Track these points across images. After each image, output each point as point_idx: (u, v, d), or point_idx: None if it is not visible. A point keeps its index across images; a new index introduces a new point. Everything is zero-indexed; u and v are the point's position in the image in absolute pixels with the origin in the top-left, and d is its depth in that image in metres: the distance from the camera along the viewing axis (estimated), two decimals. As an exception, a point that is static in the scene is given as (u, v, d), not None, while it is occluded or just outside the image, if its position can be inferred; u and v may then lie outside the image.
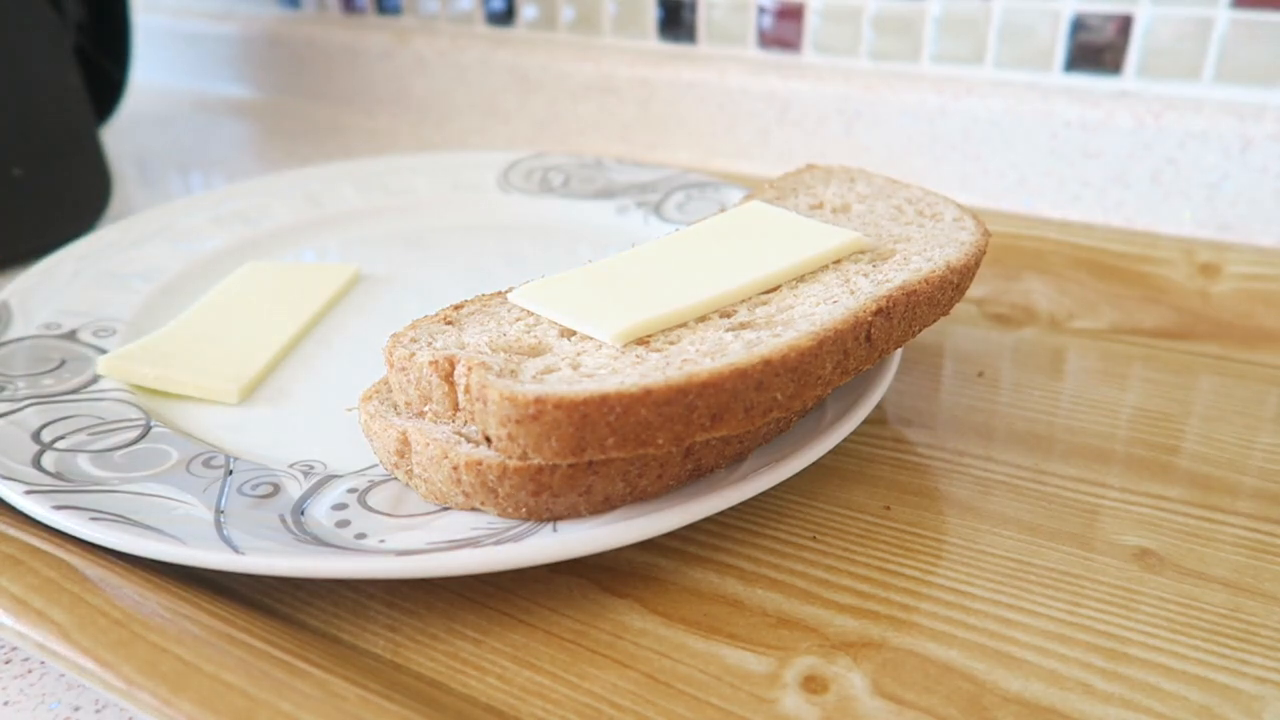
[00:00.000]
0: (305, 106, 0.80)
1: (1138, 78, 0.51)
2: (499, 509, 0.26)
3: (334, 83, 0.79)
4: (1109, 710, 0.23)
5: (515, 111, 0.71)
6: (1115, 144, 0.51)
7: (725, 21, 0.62)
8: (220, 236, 0.47)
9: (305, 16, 0.80)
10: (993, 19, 0.54)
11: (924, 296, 0.29)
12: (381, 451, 0.28)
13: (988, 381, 0.37)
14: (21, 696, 0.25)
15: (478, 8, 0.72)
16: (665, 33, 0.65)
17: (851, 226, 0.34)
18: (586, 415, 0.23)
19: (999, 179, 0.54)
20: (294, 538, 0.26)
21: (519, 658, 0.25)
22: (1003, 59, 0.54)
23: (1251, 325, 0.41)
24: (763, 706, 0.23)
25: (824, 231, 0.32)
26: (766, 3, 0.60)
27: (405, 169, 0.54)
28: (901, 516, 0.30)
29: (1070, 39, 0.52)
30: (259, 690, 0.22)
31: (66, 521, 0.26)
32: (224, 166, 0.67)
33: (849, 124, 0.58)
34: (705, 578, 0.27)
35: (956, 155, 0.55)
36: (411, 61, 0.74)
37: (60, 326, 0.38)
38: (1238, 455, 0.33)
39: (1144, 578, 0.27)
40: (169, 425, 0.32)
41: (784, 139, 0.60)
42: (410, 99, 0.75)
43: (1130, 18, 0.50)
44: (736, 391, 0.24)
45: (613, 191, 0.51)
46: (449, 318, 0.30)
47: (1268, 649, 0.25)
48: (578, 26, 0.68)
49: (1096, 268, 0.46)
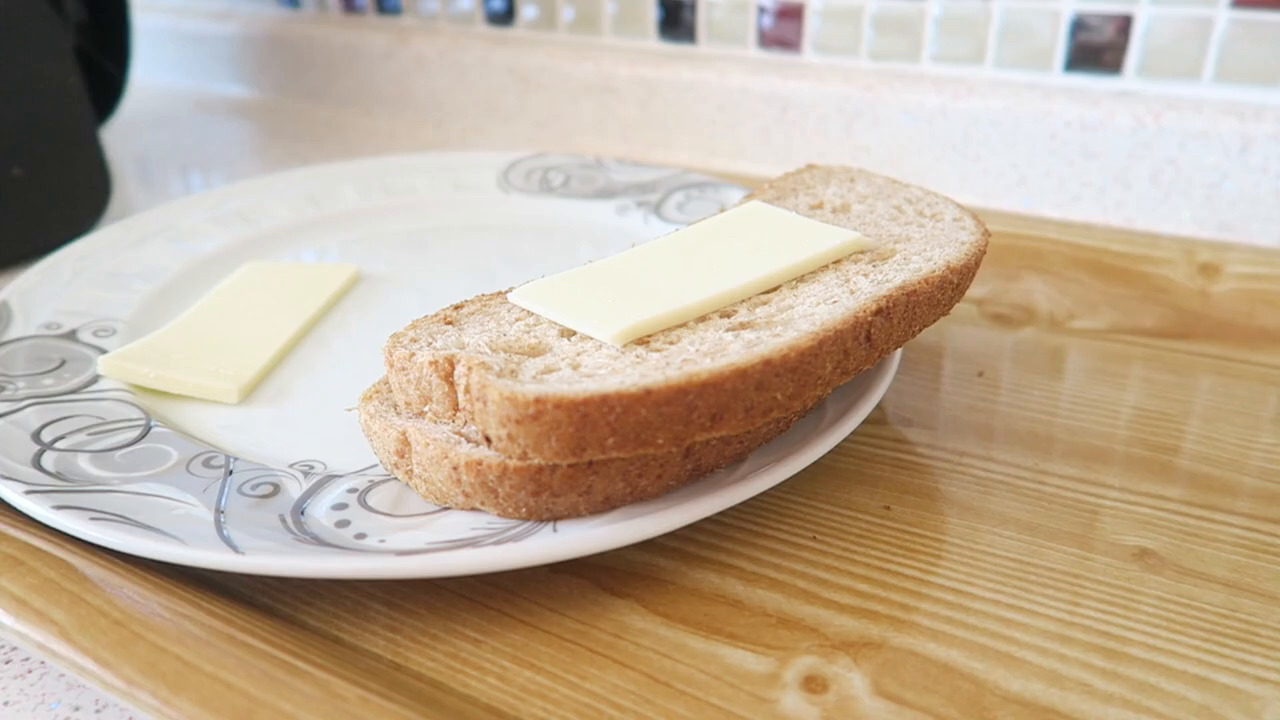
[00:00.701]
0: (305, 106, 0.80)
1: (1138, 78, 0.51)
2: (499, 509, 0.26)
3: (334, 83, 0.79)
4: (1109, 710, 0.23)
5: (515, 111, 0.71)
6: (1115, 144, 0.51)
7: (725, 21, 0.62)
8: (220, 236, 0.47)
9: (305, 16, 0.80)
10: (993, 19, 0.54)
11: (924, 297, 0.29)
12: (381, 451, 0.28)
13: (988, 381, 0.37)
14: (21, 696, 0.25)
15: (478, 8, 0.72)
16: (665, 33, 0.65)
17: (851, 226, 0.34)
18: (586, 415, 0.23)
19: (999, 179, 0.54)
20: (294, 538, 0.26)
21: (519, 658, 0.25)
22: (1003, 59, 0.54)
23: (1251, 325, 0.41)
24: (763, 706, 0.23)
25: (824, 231, 0.32)
26: (766, 3, 0.60)
27: (405, 169, 0.54)
28: (901, 516, 0.30)
29: (1070, 39, 0.52)
30: (259, 690, 0.22)
31: (66, 521, 0.26)
32: (224, 166, 0.67)
33: (849, 124, 0.58)
34: (705, 578, 0.27)
35: (956, 155, 0.55)
36: (411, 61, 0.74)
37: (60, 326, 0.38)
38: (1238, 455, 0.33)
39: (1144, 577, 0.27)
40: (169, 425, 0.32)
41: (784, 139, 0.60)
42: (410, 99, 0.75)
43: (1130, 18, 0.50)
44: (736, 391, 0.24)
45: (613, 191, 0.51)
46: (449, 318, 0.30)
47: (1267, 648, 0.25)
48: (578, 26, 0.68)
49: (1096, 268, 0.46)
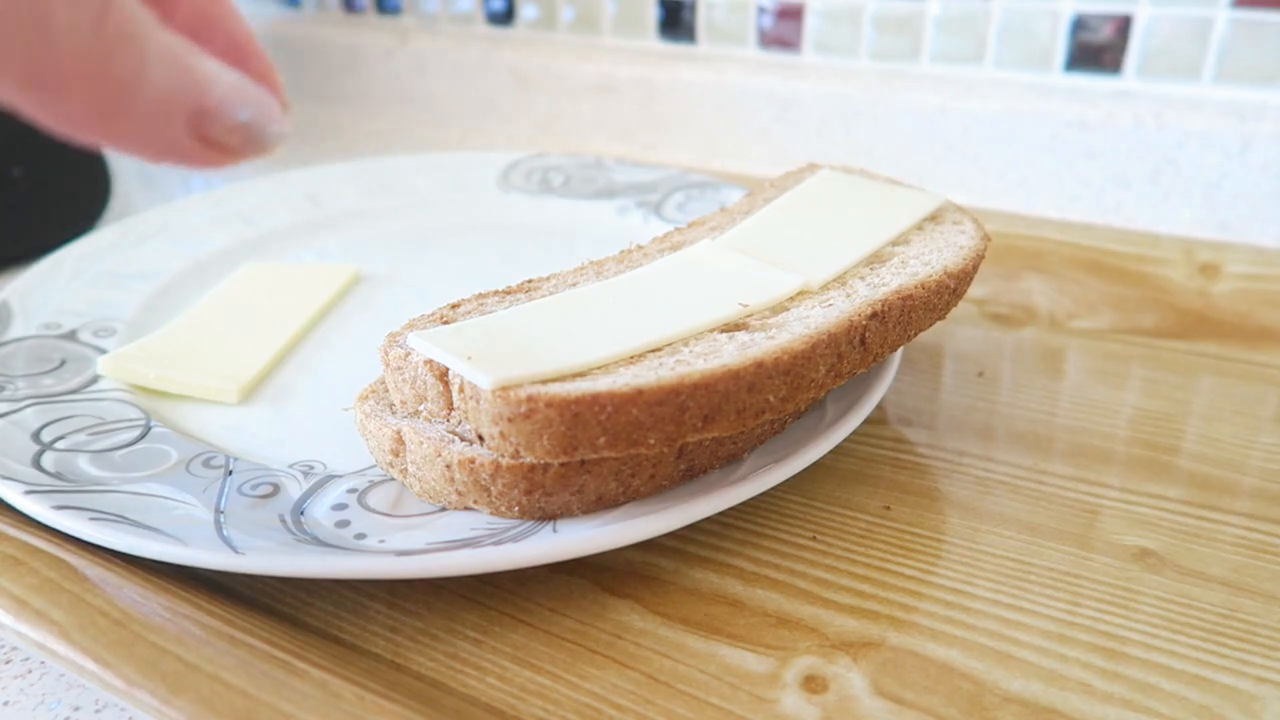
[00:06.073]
0: (305, 106, 0.80)
1: (1137, 78, 0.51)
2: (492, 508, 0.26)
3: (334, 83, 0.79)
4: (1109, 710, 0.23)
5: (515, 111, 0.71)
6: (1115, 144, 0.51)
7: (725, 21, 0.62)
8: (220, 236, 0.47)
9: (305, 16, 0.80)
10: (993, 19, 0.53)
11: (920, 301, 0.29)
12: (377, 450, 0.28)
13: (988, 381, 0.37)
14: (21, 696, 0.25)
15: (478, 8, 0.72)
16: (665, 33, 0.65)
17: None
18: (578, 414, 0.23)
19: (999, 179, 0.54)
20: (294, 538, 0.26)
21: (519, 658, 0.25)
22: (1003, 59, 0.54)
23: (1251, 325, 0.41)
24: (763, 706, 0.23)
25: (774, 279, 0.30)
26: (766, 3, 0.60)
27: (405, 169, 0.54)
28: (901, 516, 0.30)
29: (1070, 39, 0.52)
30: (259, 690, 0.22)
31: (66, 521, 0.26)
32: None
33: (849, 124, 0.58)
34: (705, 578, 0.27)
35: (956, 155, 0.55)
36: (411, 61, 0.73)
37: (60, 326, 0.38)
38: (1237, 455, 0.33)
39: (1144, 577, 0.27)
40: (169, 425, 0.32)
41: (784, 139, 0.60)
42: (410, 99, 0.75)
43: (1130, 18, 0.50)
44: (729, 393, 0.24)
45: (613, 191, 0.51)
46: (445, 317, 0.30)
47: (1267, 648, 0.25)
48: (578, 26, 0.68)
49: (1096, 268, 0.46)
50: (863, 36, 0.58)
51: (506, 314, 0.28)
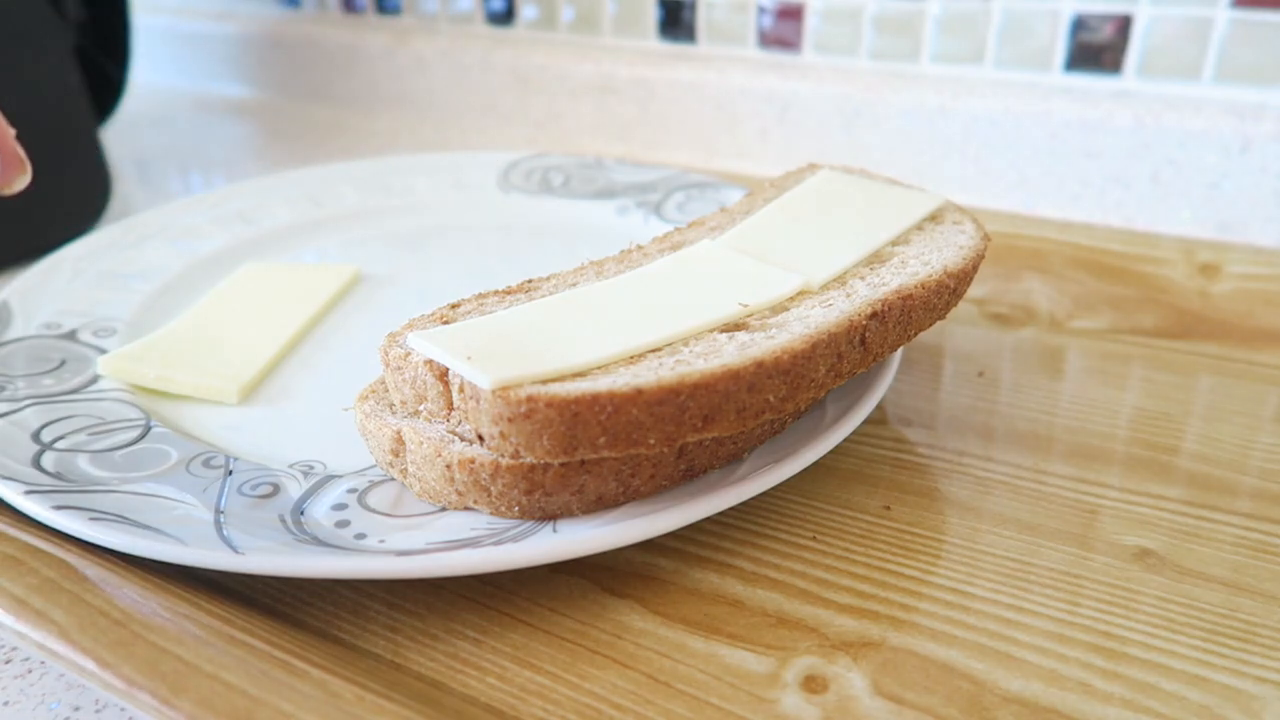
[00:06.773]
0: (305, 106, 0.80)
1: (1137, 78, 0.51)
2: (492, 508, 0.26)
3: (334, 83, 0.79)
4: (1109, 710, 0.23)
5: (515, 111, 0.71)
6: (1115, 144, 0.51)
7: (725, 21, 0.62)
8: (220, 236, 0.47)
9: (305, 16, 0.80)
10: (993, 19, 0.53)
11: (920, 301, 0.29)
12: (376, 450, 0.28)
13: (988, 381, 0.37)
14: (21, 696, 0.25)
15: (478, 8, 0.72)
16: (665, 33, 0.65)
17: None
18: (578, 414, 0.23)
19: (999, 179, 0.54)
20: (294, 538, 0.26)
21: (519, 658, 0.25)
22: (1003, 59, 0.54)
23: (1251, 325, 0.41)
24: (763, 706, 0.23)
25: (774, 277, 0.30)
26: (766, 3, 0.60)
27: (405, 169, 0.54)
28: (901, 516, 0.30)
29: (1070, 39, 0.52)
30: (259, 690, 0.22)
31: (66, 521, 0.26)
32: (224, 166, 0.67)
33: (849, 124, 0.58)
34: (705, 578, 0.27)
35: (956, 155, 0.55)
36: (411, 61, 0.73)
37: (60, 326, 0.38)
38: (1237, 455, 0.33)
39: (1143, 577, 0.27)
40: (169, 425, 0.32)
41: (784, 139, 0.60)
42: (410, 99, 0.75)
43: (1130, 18, 0.50)
44: (728, 393, 0.24)
45: (613, 191, 0.51)
46: (445, 316, 0.30)
47: (1267, 649, 0.25)
48: (578, 26, 0.68)
49: (1096, 268, 0.46)
50: (863, 36, 0.58)
51: (506, 314, 0.28)
